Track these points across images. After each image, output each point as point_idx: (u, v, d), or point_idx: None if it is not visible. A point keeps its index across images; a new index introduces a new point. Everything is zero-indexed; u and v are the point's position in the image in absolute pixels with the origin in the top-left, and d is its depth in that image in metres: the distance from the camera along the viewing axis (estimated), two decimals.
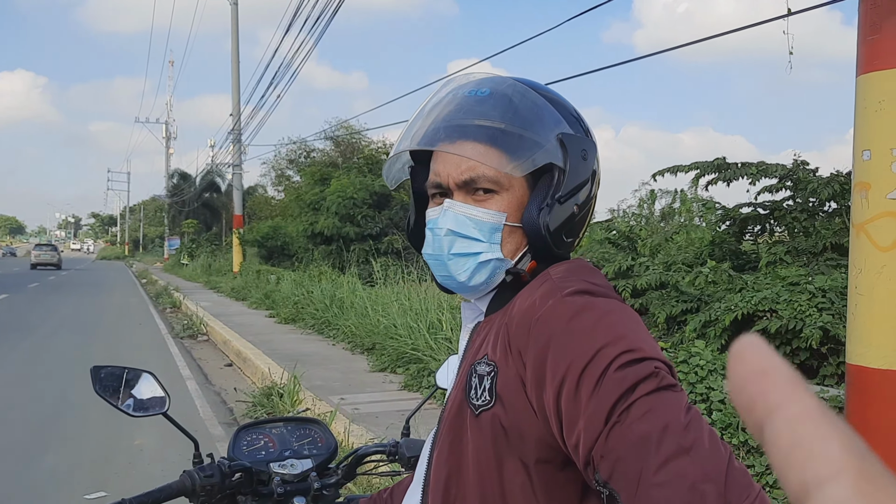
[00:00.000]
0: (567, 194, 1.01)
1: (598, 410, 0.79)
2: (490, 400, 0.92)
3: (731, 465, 0.75)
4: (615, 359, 0.81)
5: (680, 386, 0.82)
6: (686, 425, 0.76)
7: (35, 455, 5.22)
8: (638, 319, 0.90)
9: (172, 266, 41.28)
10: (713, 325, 6.43)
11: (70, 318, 15.29)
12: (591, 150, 1.05)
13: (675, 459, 0.74)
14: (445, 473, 0.98)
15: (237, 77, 26.70)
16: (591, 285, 0.94)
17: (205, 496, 1.44)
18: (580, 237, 1.07)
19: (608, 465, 0.78)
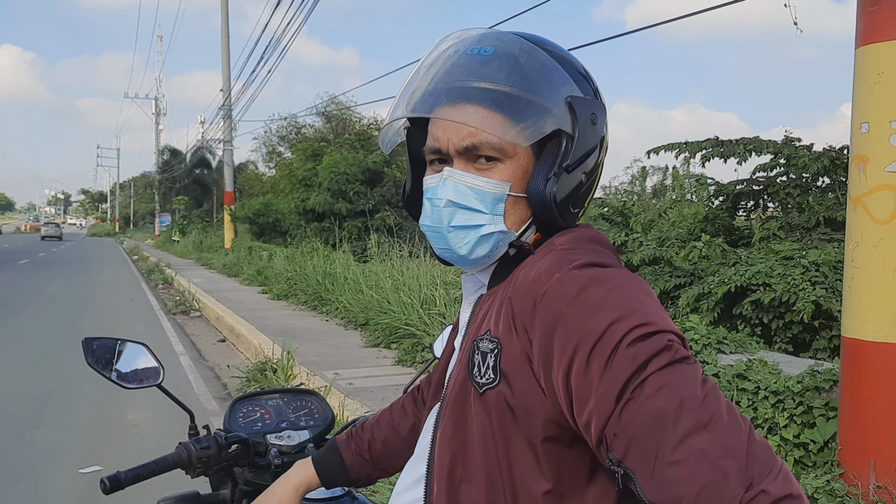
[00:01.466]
0: (575, 162, 0.95)
1: (610, 388, 0.77)
2: (495, 378, 0.89)
3: (752, 439, 0.73)
4: (626, 334, 0.78)
5: (694, 358, 0.80)
6: (703, 399, 0.74)
7: (28, 430, 5.20)
8: (649, 290, 0.86)
9: (164, 242, 41.11)
10: (706, 299, 6.44)
11: (61, 294, 15.21)
12: (601, 114, 0.98)
13: (693, 435, 0.72)
14: (450, 454, 0.96)
15: (227, 52, 26.39)
16: (599, 256, 0.90)
17: (201, 468, 1.42)
18: (586, 206, 1.02)
19: (622, 443, 0.76)
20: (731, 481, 0.69)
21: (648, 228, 9.20)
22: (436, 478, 0.98)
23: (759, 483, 0.69)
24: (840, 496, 3.35)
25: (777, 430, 3.93)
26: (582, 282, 0.84)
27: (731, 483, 0.69)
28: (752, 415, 4.08)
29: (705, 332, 5.02)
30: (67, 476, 4.30)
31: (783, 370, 4.35)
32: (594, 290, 0.83)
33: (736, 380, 4.29)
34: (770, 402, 4.04)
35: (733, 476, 0.70)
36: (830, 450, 3.70)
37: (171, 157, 53.91)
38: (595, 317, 0.80)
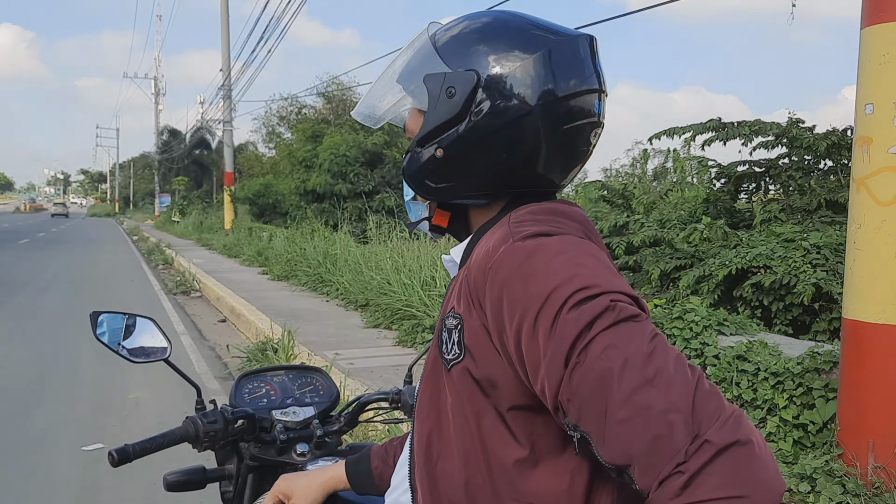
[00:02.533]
0: (426, 136, 0.98)
1: (556, 353, 0.77)
2: (460, 353, 0.90)
3: (700, 390, 0.72)
4: (568, 299, 0.78)
5: (644, 315, 0.80)
6: (648, 355, 0.74)
7: (31, 408, 5.23)
8: (596, 253, 0.86)
9: (163, 223, 41.06)
10: (707, 281, 6.45)
11: (61, 274, 15.22)
12: (463, 85, 0.94)
13: (638, 392, 0.72)
14: (427, 430, 0.97)
15: (227, 32, 26.21)
16: (547, 226, 0.90)
17: (208, 442, 1.43)
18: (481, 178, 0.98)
19: (575, 407, 0.76)
20: (677, 434, 0.70)
21: (649, 210, 9.18)
22: (416, 452, 1.00)
23: (705, 433, 0.69)
24: (838, 476, 3.37)
25: (776, 411, 3.95)
26: (525, 252, 0.85)
27: (676, 436, 0.70)
28: (751, 396, 4.10)
29: (705, 314, 5.03)
30: (70, 453, 4.33)
31: (783, 352, 4.37)
32: (536, 258, 0.84)
33: (736, 361, 4.31)
34: (770, 384, 4.06)
35: (679, 428, 0.70)
36: (829, 430, 3.72)
37: (171, 138, 53.69)
38: (537, 285, 0.81)
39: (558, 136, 0.95)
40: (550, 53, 0.94)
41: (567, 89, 0.94)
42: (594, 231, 0.98)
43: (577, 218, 0.96)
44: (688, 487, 0.68)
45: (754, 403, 4.07)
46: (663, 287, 7.46)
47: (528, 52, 0.94)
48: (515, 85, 0.93)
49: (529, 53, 0.93)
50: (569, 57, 0.95)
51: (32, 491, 3.78)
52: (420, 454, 0.99)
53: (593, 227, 0.98)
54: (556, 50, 0.95)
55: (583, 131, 0.97)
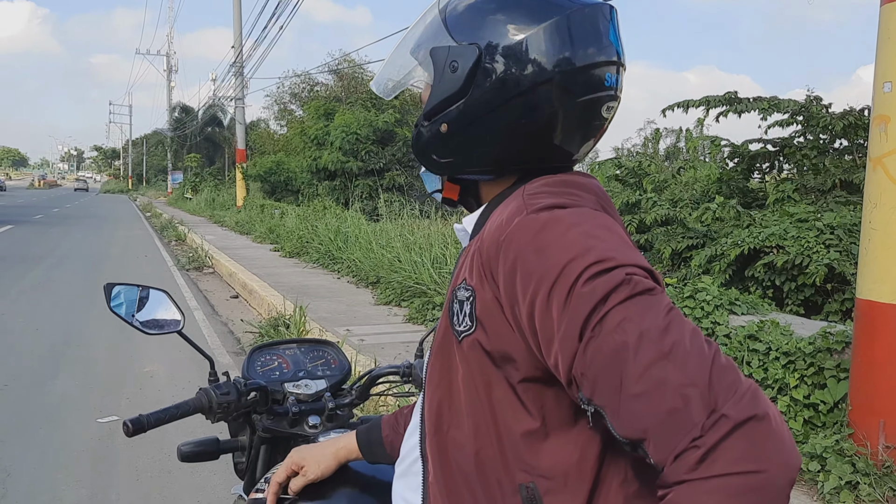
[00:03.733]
0: (432, 111, 0.97)
1: (571, 327, 0.77)
2: (471, 325, 0.90)
3: (716, 364, 0.72)
4: (583, 272, 0.78)
5: (660, 288, 0.79)
6: (664, 329, 0.74)
7: (46, 381, 5.30)
8: (611, 226, 0.86)
9: (176, 200, 41.24)
10: (718, 260, 6.43)
11: (75, 249, 15.34)
12: (466, 59, 0.93)
13: (654, 366, 0.72)
14: (437, 400, 0.98)
15: (239, 8, 26.09)
16: (562, 198, 0.89)
17: (221, 413, 1.44)
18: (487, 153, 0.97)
19: (589, 381, 0.76)
20: (693, 408, 0.69)
21: (661, 189, 9.13)
22: (427, 423, 1.01)
23: (722, 407, 0.69)
24: (849, 456, 3.38)
25: (787, 390, 3.95)
26: (539, 224, 0.84)
27: (692, 410, 0.69)
28: (762, 375, 4.10)
29: (717, 294, 5.02)
30: (86, 425, 4.39)
31: (795, 332, 4.36)
32: (550, 231, 0.83)
33: (747, 340, 4.30)
34: (781, 363, 4.05)
35: (695, 403, 0.69)
36: (840, 410, 3.72)
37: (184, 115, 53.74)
38: (551, 257, 0.81)
39: (571, 109, 0.93)
40: (562, 22, 0.92)
41: (581, 60, 0.92)
42: (610, 203, 0.96)
43: (593, 189, 0.95)
44: (704, 461, 0.68)
45: (765, 383, 4.07)
46: (675, 266, 7.44)
47: (537, 21, 0.91)
48: (521, 57, 0.91)
49: (538, 23, 0.91)
50: (584, 26, 0.93)
51: (49, 462, 3.84)
52: (431, 424, 0.99)
53: (609, 200, 0.97)
54: (569, 19, 0.92)
55: (597, 104, 0.95)
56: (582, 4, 0.94)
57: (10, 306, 8.26)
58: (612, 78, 0.95)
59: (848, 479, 3.25)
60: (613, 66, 0.95)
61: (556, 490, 0.88)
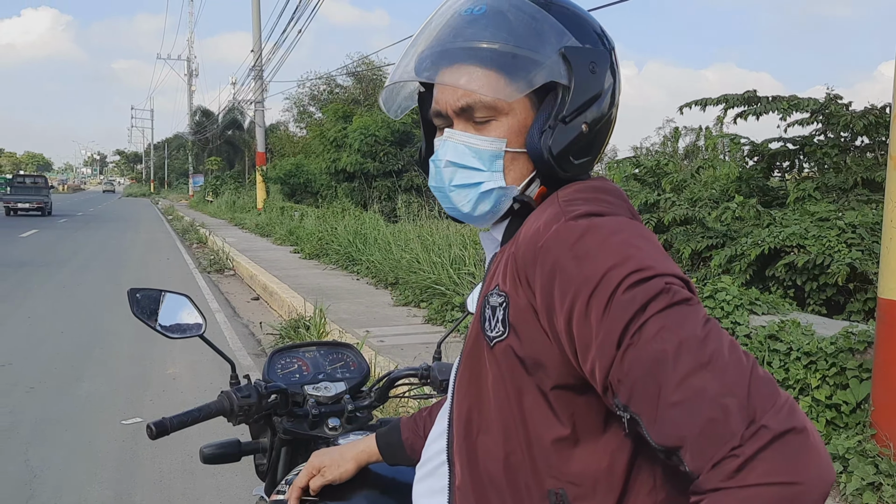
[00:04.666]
0: (573, 113, 0.94)
1: (609, 334, 0.78)
2: (504, 331, 0.90)
3: (755, 375, 0.73)
4: (623, 280, 0.78)
5: (696, 299, 0.80)
6: (703, 339, 0.74)
7: (72, 383, 5.38)
8: (649, 236, 0.87)
9: (197, 203, 41.61)
10: (739, 260, 6.38)
11: (99, 252, 15.54)
12: (602, 62, 0.96)
13: (693, 376, 0.72)
14: (467, 406, 0.98)
15: (258, 12, 26.29)
16: (598, 206, 0.90)
17: (242, 416, 1.47)
18: (598, 156, 1.01)
19: (626, 388, 0.77)
20: (732, 418, 0.70)
21: (680, 188, 9.08)
22: (455, 428, 1.01)
23: (761, 418, 0.70)
24: (871, 457, 3.35)
25: (809, 391, 3.92)
26: (578, 231, 0.85)
27: (732, 420, 0.70)
28: (783, 376, 4.07)
29: (737, 293, 4.99)
30: (110, 427, 4.46)
31: (816, 332, 4.32)
32: (589, 238, 0.84)
33: (768, 340, 4.28)
34: (802, 364, 4.02)
35: (734, 413, 0.70)
36: (863, 411, 3.69)
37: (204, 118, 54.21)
38: (591, 265, 0.81)
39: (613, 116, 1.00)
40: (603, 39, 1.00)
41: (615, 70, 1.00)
42: (635, 210, 0.98)
43: (622, 196, 0.96)
44: (741, 471, 0.69)
45: (786, 383, 4.04)
46: (694, 266, 7.40)
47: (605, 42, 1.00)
48: (615, 62, 1.00)
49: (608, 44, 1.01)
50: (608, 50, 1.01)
51: (75, 463, 3.90)
52: (459, 429, 1.00)
53: (633, 206, 0.98)
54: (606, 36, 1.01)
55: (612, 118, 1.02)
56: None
57: (36, 309, 8.40)
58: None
59: (870, 479, 3.22)
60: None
61: (584, 497, 0.89)
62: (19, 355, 6.15)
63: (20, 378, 5.45)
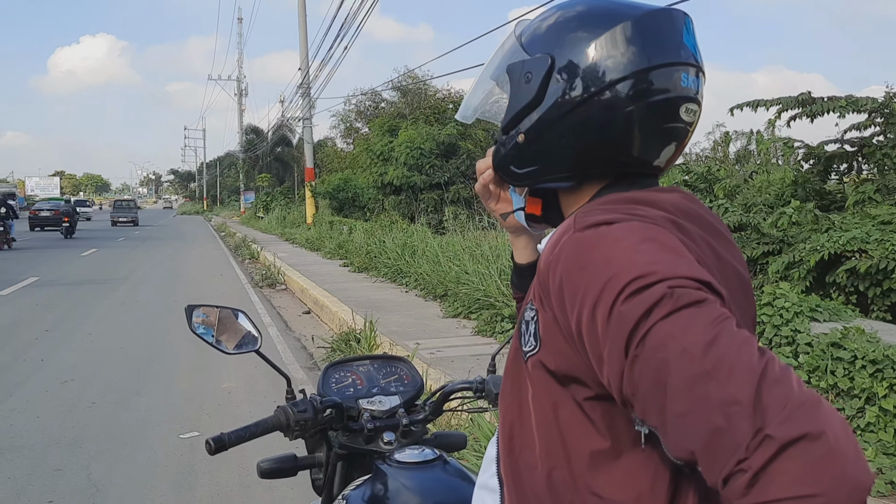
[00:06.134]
0: (508, 124, 0.99)
1: (615, 346, 0.75)
2: (535, 345, 0.90)
3: (767, 377, 0.67)
4: (622, 289, 0.76)
5: (712, 298, 0.75)
6: (709, 343, 0.70)
7: (132, 397, 5.51)
8: (657, 236, 0.82)
9: (249, 219, 42.42)
10: (797, 267, 6.20)
11: (155, 270, 15.95)
12: (539, 69, 0.95)
13: (696, 384, 0.68)
14: (510, 421, 0.97)
15: (304, 31, 26.78)
16: (613, 214, 0.87)
17: (298, 430, 1.47)
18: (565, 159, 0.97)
19: (638, 401, 0.74)
20: (737, 427, 0.65)
21: (733, 194, 8.89)
22: (500, 445, 1.00)
23: (768, 426, 0.64)
24: None
25: (876, 400, 3.78)
26: (583, 243, 0.83)
27: (737, 430, 0.65)
28: (847, 385, 3.93)
29: (796, 300, 4.85)
30: (169, 441, 4.55)
31: (882, 339, 4.17)
32: (593, 248, 0.82)
33: (831, 349, 4.14)
34: (868, 372, 3.88)
35: (739, 421, 0.65)
36: None
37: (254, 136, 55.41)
38: (592, 275, 0.79)
39: (644, 110, 0.92)
40: (633, 25, 0.92)
41: (652, 60, 0.91)
42: (692, 215, 0.93)
43: (664, 205, 0.91)
44: (754, 486, 0.64)
45: (851, 392, 3.91)
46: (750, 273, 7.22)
47: (604, 27, 0.92)
48: (593, 61, 0.92)
49: (605, 29, 0.92)
50: (655, 28, 0.93)
51: (136, 476, 3.99)
52: (504, 446, 0.98)
53: (693, 213, 0.93)
54: (640, 22, 0.93)
55: (672, 106, 0.93)
56: (652, 9, 0.95)
57: (96, 326, 8.65)
58: (689, 79, 0.94)
59: None
60: (689, 67, 0.94)
61: None
62: (82, 371, 6.34)
63: (83, 394, 5.61)
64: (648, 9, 0.94)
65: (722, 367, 0.68)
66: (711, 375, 0.68)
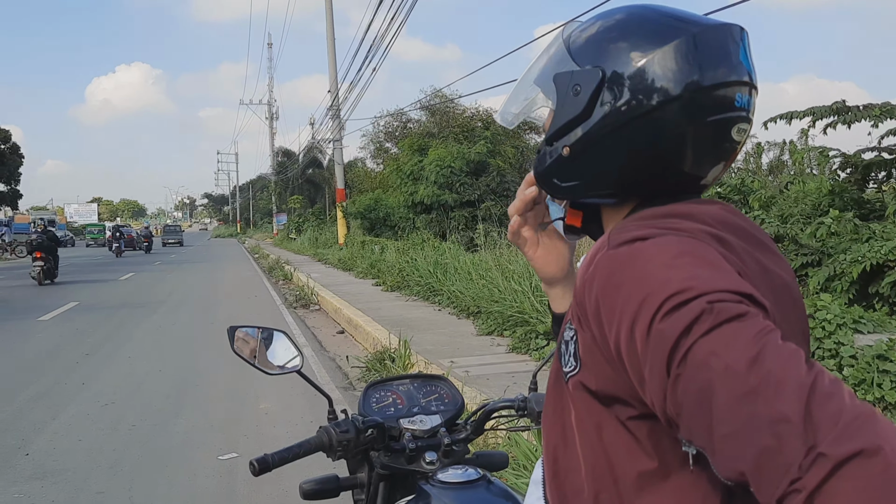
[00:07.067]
0: (554, 135, 0.97)
1: (655, 366, 0.73)
2: (576, 365, 0.88)
3: (816, 392, 0.64)
4: (660, 307, 0.73)
5: (754, 311, 0.72)
6: (753, 358, 0.67)
7: (171, 419, 5.57)
8: (694, 250, 0.80)
9: (282, 241, 42.91)
10: (839, 279, 6.07)
11: (191, 293, 16.17)
12: (588, 82, 0.92)
13: (742, 402, 0.66)
14: (553, 444, 0.95)
15: (333, 55, 27.14)
16: (648, 230, 0.85)
17: (341, 451, 1.47)
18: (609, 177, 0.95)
19: (684, 422, 0.72)
20: (788, 446, 0.62)
21: (769, 205, 8.76)
22: (545, 468, 0.98)
23: (821, 443, 0.61)
24: None
25: None
26: (617, 260, 0.81)
27: (787, 449, 0.62)
28: (894, 398, 3.83)
29: (839, 312, 4.74)
30: (208, 462, 4.58)
31: None
32: (627, 266, 0.80)
33: (876, 361, 4.04)
34: None
35: (789, 440, 0.62)
36: None
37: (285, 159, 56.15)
38: (628, 294, 0.77)
39: (698, 130, 0.90)
40: (689, 42, 0.89)
41: (708, 79, 0.88)
42: (733, 227, 0.90)
43: (703, 217, 0.89)
44: None
45: None
46: None
47: (662, 42, 0.89)
48: (646, 78, 0.89)
49: (663, 44, 0.89)
50: (712, 45, 0.89)
51: (176, 498, 4.02)
52: (549, 469, 0.96)
53: (734, 225, 0.91)
54: (696, 38, 0.89)
55: (725, 126, 0.91)
56: (710, 24, 0.91)
57: (135, 349, 8.78)
58: (743, 99, 0.91)
59: None
60: (744, 86, 0.91)
61: None
62: (122, 394, 6.43)
63: (123, 416, 5.69)
64: (707, 24, 0.91)
65: (768, 384, 0.65)
66: (758, 392, 0.65)
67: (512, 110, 1.11)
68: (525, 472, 3.37)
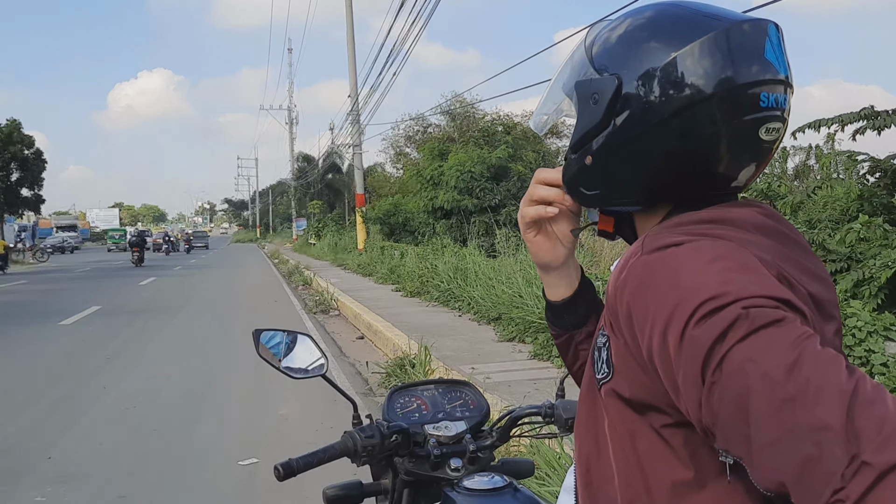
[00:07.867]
0: (576, 144, 0.95)
1: (689, 373, 0.71)
2: (608, 372, 0.86)
3: (858, 398, 0.61)
4: (693, 313, 0.71)
5: (791, 316, 0.70)
6: (792, 364, 0.65)
7: (190, 424, 5.58)
8: (730, 254, 0.77)
9: (301, 246, 43.13)
10: (867, 284, 5.96)
11: (211, 298, 16.28)
12: (604, 90, 0.89)
13: (782, 410, 0.63)
14: (586, 452, 0.93)
15: (353, 60, 27.27)
16: (681, 236, 0.82)
17: (366, 456, 1.44)
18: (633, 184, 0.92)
19: (721, 431, 0.69)
20: (830, 455, 0.60)
21: (796, 211, 8.63)
22: (577, 477, 0.96)
23: (864, 451, 0.58)
24: None
25: None
26: (650, 266, 0.79)
27: (830, 457, 0.60)
28: None
29: (869, 319, 4.64)
30: (228, 467, 4.57)
31: None
32: (660, 272, 0.78)
33: None
34: None
35: (831, 448, 0.60)
36: None
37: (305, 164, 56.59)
38: (660, 300, 0.75)
39: (729, 131, 0.85)
40: (719, 38, 0.84)
41: (739, 78, 0.83)
42: (770, 231, 0.86)
43: (739, 221, 0.85)
44: None
45: None
46: None
47: (688, 39, 0.84)
48: (669, 80, 0.84)
49: (690, 41, 0.84)
50: (742, 42, 0.84)
51: (197, 502, 4.01)
52: (581, 479, 0.94)
53: (771, 228, 0.86)
54: (727, 34, 0.84)
55: (758, 125, 0.86)
56: (743, 20, 0.86)
57: (156, 353, 8.83)
58: (779, 98, 0.86)
59: None
60: (779, 84, 0.86)
61: None
62: (143, 399, 6.45)
63: (144, 421, 5.70)
64: (740, 19, 0.86)
65: (808, 391, 0.63)
66: (797, 400, 0.63)
67: (542, 116, 1.09)
68: (548, 479, 3.32)
